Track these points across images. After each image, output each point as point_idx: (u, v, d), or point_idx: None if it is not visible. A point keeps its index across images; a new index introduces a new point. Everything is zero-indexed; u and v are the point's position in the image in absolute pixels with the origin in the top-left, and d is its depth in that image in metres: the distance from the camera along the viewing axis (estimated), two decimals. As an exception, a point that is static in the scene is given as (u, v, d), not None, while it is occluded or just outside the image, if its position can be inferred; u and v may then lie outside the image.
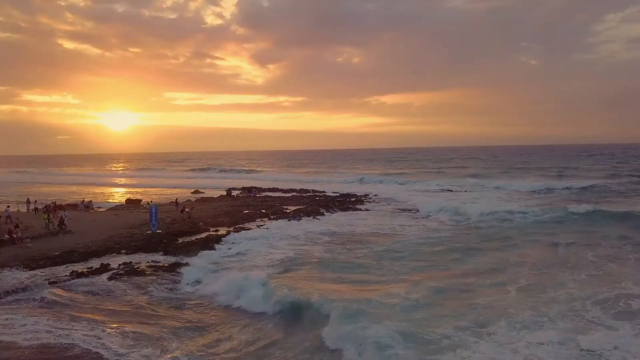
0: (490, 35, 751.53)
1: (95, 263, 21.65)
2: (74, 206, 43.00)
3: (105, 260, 22.43)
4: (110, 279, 19.24)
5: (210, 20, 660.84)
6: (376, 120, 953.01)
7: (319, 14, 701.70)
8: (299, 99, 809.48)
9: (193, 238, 27.29)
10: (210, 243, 25.57)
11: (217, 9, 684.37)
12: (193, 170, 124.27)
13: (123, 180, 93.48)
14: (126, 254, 23.85)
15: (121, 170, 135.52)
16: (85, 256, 22.86)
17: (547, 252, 23.36)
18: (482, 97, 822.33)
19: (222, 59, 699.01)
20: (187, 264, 21.50)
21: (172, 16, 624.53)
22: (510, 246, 24.94)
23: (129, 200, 49.10)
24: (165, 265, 21.37)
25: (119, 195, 60.71)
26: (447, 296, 16.49)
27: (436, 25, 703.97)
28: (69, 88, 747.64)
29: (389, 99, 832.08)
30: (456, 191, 55.21)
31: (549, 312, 14.52)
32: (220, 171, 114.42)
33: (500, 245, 25.35)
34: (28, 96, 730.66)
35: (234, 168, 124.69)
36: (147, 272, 20.22)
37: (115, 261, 22.13)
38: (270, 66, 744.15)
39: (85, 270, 20.21)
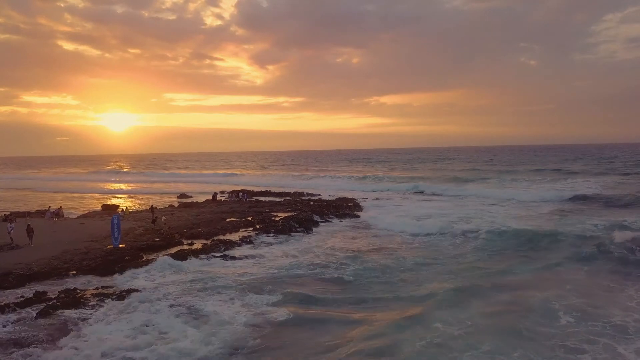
0: (489, 36, 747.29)
1: (32, 290, 17.53)
2: (41, 214, 38.93)
3: (46, 285, 18.41)
4: (40, 314, 15.12)
5: (210, 21, 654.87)
6: (375, 120, 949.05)
7: (318, 14, 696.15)
8: (298, 99, 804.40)
9: (159, 254, 23.13)
10: (172, 260, 21.47)
11: (217, 10, 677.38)
12: (185, 171, 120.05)
13: (110, 184, 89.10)
14: (75, 275, 19.75)
15: (113, 171, 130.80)
16: (22, 280, 18.75)
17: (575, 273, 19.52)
18: (482, 97, 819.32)
19: (221, 59, 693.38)
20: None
21: (172, 17, 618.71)
22: (523, 265, 21.09)
23: (105, 206, 44.93)
24: (117, 292, 17.25)
25: (98, 199, 56.35)
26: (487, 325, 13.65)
27: (436, 26, 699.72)
28: (68, 89, 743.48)
29: (388, 99, 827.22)
30: (461, 197, 50.73)
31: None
32: (215, 173, 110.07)
33: (514, 263, 21.40)
34: (27, 97, 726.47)
35: (229, 170, 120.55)
36: (91, 303, 16.16)
37: (58, 287, 18.09)
38: (270, 67, 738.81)
39: (12, 303, 16.06)
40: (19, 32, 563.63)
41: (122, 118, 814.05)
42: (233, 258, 22.50)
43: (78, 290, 17.44)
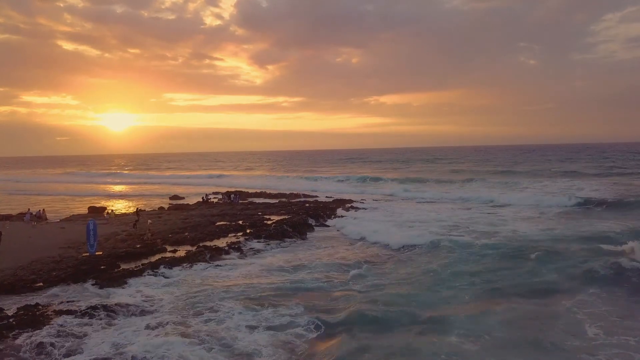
0: (488, 36, 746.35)
1: (-11, 305, 15.60)
2: (21, 217, 36.95)
3: (6, 300, 16.46)
4: (-10, 336, 13.18)
5: (209, 21, 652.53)
6: (375, 120, 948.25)
7: (318, 14, 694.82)
8: (297, 99, 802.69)
9: (139, 263, 21.18)
10: (152, 270, 19.58)
11: (216, 10, 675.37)
12: (180, 172, 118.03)
13: (102, 185, 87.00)
14: (41, 288, 17.78)
15: (108, 172, 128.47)
16: (-20, 294, 16.80)
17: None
18: (481, 97, 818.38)
19: (221, 59, 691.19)
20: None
21: (171, 17, 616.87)
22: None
23: (91, 209, 42.95)
24: (82, 309, 15.27)
25: (87, 201, 54.27)
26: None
27: (435, 26, 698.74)
28: (68, 89, 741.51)
29: (388, 99, 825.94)
30: (464, 199, 48.61)
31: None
32: (210, 174, 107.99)
33: (530, 270, 19.46)
34: (27, 97, 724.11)
35: (225, 171, 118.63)
36: (53, 322, 14.18)
37: (18, 302, 16.14)
38: (269, 67, 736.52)
39: (-40, 322, 14.11)
40: (18, 32, 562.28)
41: (121, 118, 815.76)
42: (222, 267, 20.58)
43: (40, 307, 15.47)
